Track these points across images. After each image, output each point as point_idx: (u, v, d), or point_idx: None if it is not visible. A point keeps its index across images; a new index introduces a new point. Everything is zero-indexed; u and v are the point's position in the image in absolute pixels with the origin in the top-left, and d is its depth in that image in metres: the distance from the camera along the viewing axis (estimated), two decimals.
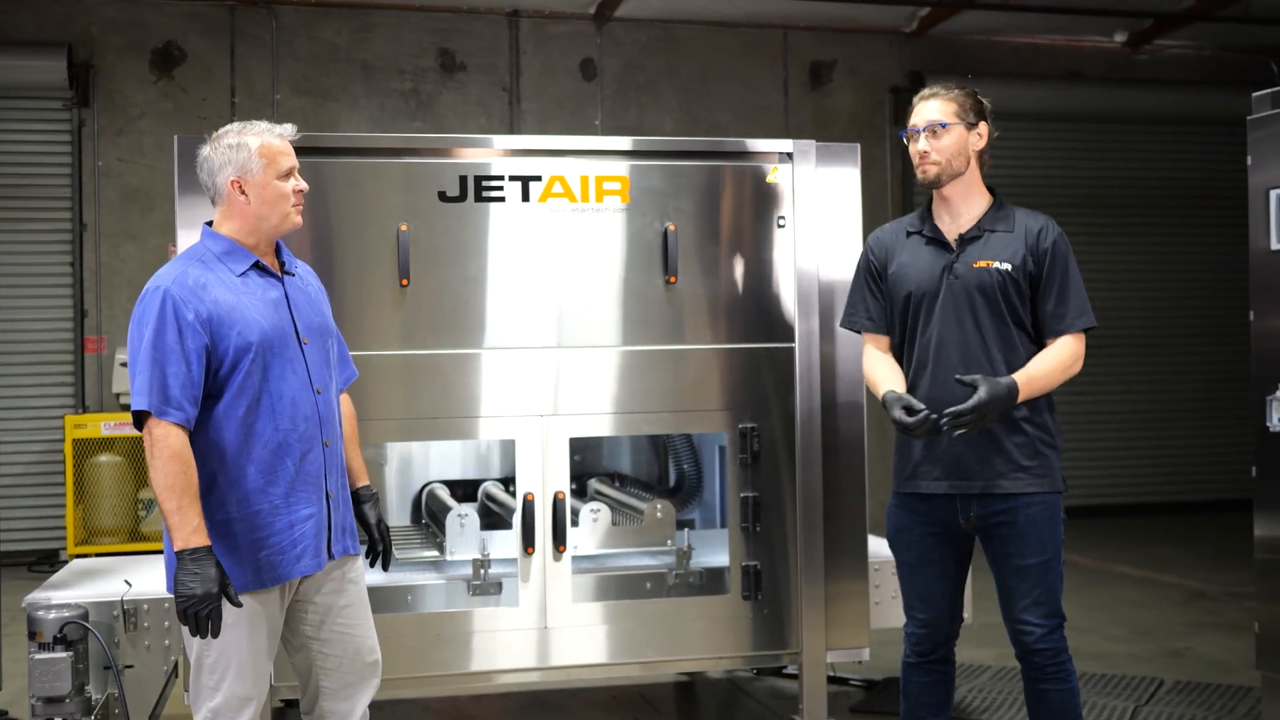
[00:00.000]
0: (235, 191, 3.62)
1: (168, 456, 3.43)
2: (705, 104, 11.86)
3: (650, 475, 6.42)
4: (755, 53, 12.04)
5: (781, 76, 12.12)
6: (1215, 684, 6.19)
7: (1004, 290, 3.96)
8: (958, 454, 3.97)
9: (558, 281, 4.87)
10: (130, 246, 10.77)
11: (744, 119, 11.84)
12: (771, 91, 12.11)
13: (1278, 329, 4.71)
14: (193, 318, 3.48)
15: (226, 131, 3.69)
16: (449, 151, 4.83)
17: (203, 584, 3.38)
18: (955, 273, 4.01)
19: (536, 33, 11.61)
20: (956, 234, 4.07)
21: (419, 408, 4.78)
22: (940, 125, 4.04)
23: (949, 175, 4.05)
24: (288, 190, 3.66)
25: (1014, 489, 3.94)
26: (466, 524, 5.07)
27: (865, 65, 12.30)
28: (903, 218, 4.26)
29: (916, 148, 4.09)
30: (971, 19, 11.80)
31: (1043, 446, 3.98)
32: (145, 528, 9.81)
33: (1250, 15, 11.44)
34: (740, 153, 5.04)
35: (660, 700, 6.13)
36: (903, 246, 4.16)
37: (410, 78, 11.37)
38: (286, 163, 3.67)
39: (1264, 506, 4.78)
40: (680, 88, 11.87)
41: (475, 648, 4.84)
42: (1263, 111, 4.76)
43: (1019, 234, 4.01)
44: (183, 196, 4.57)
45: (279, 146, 3.67)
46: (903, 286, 4.11)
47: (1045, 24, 12.00)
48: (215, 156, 3.64)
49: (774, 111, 12.06)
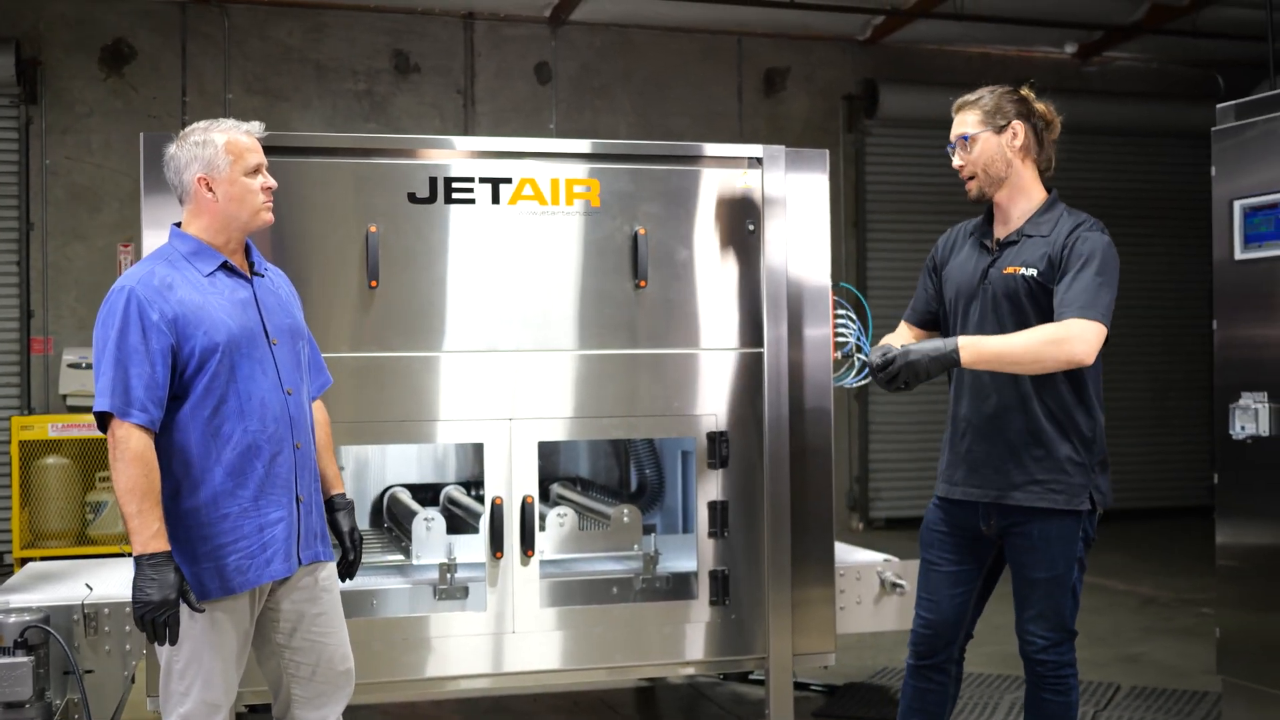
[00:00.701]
0: (202, 189, 3.57)
1: (129, 459, 3.36)
2: (660, 109, 11.87)
3: (611, 480, 6.41)
4: (710, 58, 12.07)
5: (736, 82, 12.16)
6: (1171, 689, 6.25)
7: (1030, 296, 3.88)
8: (977, 460, 3.96)
9: (527, 284, 4.84)
10: (78, 246, 10.61)
11: (699, 124, 11.86)
12: (726, 97, 12.14)
13: (1241, 338, 4.77)
14: (157, 318, 3.42)
15: (193, 129, 3.63)
16: (419, 153, 4.79)
17: (160, 590, 3.32)
18: (989, 277, 3.98)
19: (491, 35, 11.57)
20: (999, 238, 4.03)
21: (388, 411, 4.73)
22: (964, 138, 4.00)
23: (991, 184, 3.99)
24: (255, 187, 3.60)
25: (1026, 503, 3.89)
26: (433, 528, 5.03)
27: (819, 72, 12.36)
28: (974, 219, 4.19)
29: (954, 164, 4.05)
30: (925, 28, 11.89)
31: (1069, 464, 3.87)
32: (93, 531, 9.65)
33: (1198, 29, 11.60)
34: (710, 157, 5.03)
35: (621, 705, 6.11)
36: (961, 246, 4.15)
37: (364, 79, 11.30)
38: (254, 159, 3.61)
39: (1226, 514, 4.83)
40: (635, 92, 11.87)
41: (441, 652, 4.79)
42: (1226, 123, 4.82)
43: (1055, 236, 3.91)
44: (149, 196, 4.50)
45: (246, 143, 3.61)
46: (948, 287, 4.11)
47: (997, 34, 12.12)
48: (181, 154, 3.58)
49: (729, 117, 12.09)
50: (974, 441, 3.98)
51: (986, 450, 3.94)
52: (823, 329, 5.08)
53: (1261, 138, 4.66)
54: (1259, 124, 4.68)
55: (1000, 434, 3.93)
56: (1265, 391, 4.63)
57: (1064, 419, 3.89)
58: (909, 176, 12.38)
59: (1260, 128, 4.67)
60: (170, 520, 3.41)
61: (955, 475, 4.03)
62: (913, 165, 12.36)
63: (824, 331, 5.08)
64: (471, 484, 6.32)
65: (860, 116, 12.26)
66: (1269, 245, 4.61)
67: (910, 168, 12.37)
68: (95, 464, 9.70)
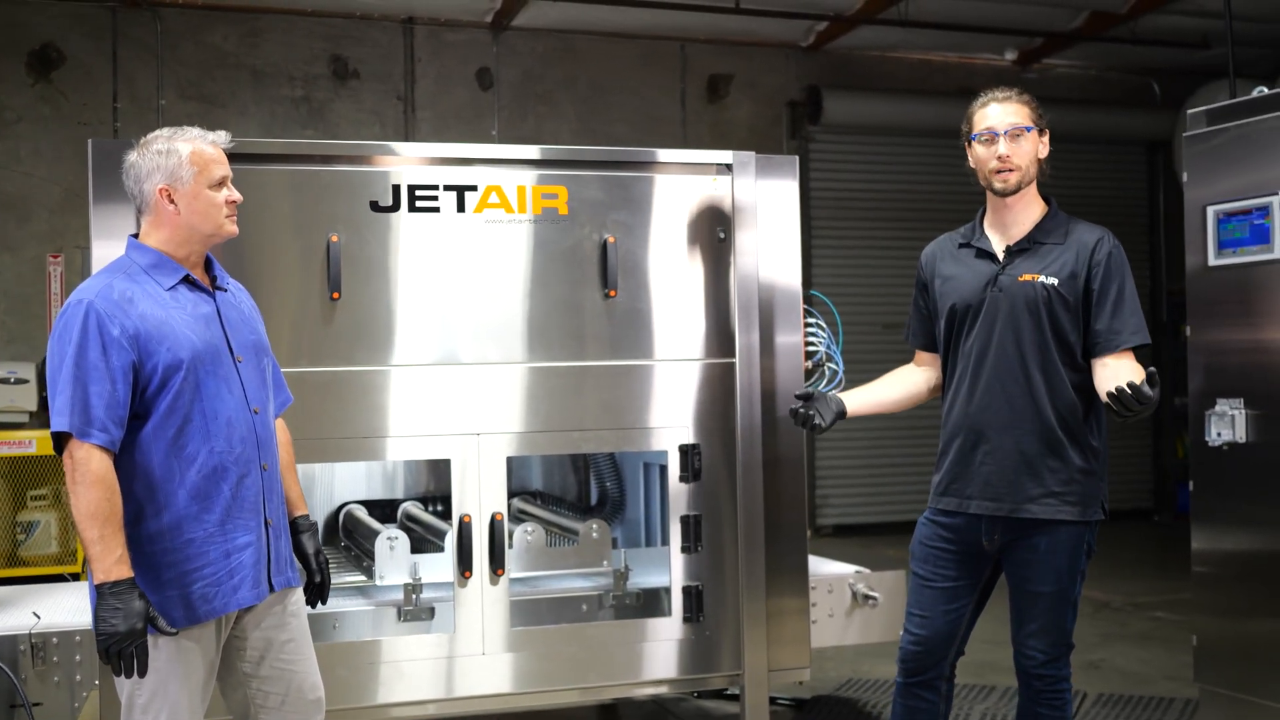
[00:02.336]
0: (164, 200, 3.39)
1: (90, 481, 3.17)
2: (603, 115, 11.75)
3: (569, 493, 6.28)
4: (653, 64, 11.98)
5: (679, 89, 12.08)
6: (1138, 695, 6.23)
7: (1049, 305, 3.80)
8: (989, 474, 3.85)
9: (495, 295, 4.69)
10: (6, 257, 10.29)
11: (641, 130, 11.76)
12: (669, 103, 12.05)
13: (1215, 343, 4.73)
14: (118, 333, 3.24)
15: (156, 137, 3.45)
16: (377, 159, 4.63)
17: (126, 620, 3.14)
18: (1000, 285, 3.86)
19: (432, 41, 11.40)
20: (1005, 245, 3.93)
21: (353, 427, 4.56)
22: (1024, 129, 3.86)
23: (1025, 181, 3.89)
24: (220, 200, 3.43)
25: (1043, 515, 3.80)
26: (396, 547, 4.87)
27: (762, 79, 12.31)
28: (955, 230, 4.10)
29: (996, 151, 3.86)
30: (868, 34, 11.87)
31: (1080, 474, 3.81)
32: (25, 552, 9.32)
33: (1136, 36, 11.69)
34: (679, 164, 4.91)
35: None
36: (952, 259, 4.03)
37: (301, 84, 11.08)
38: (219, 171, 3.44)
39: (1201, 520, 4.79)
40: (578, 98, 11.75)
41: (409, 677, 4.62)
42: (1198, 128, 4.78)
43: (1071, 246, 3.84)
44: (98, 205, 4.31)
45: (211, 154, 3.44)
46: (948, 299, 3.98)
47: (939, 41, 12.14)
48: (143, 163, 3.41)
49: (671, 123, 12.01)
50: (985, 453, 3.85)
51: (1000, 462, 3.83)
52: (794, 337, 4.98)
53: (1235, 143, 4.63)
54: (1232, 129, 4.64)
55: (1014, 445, 3.82)
56: (1241, 398, 4.59)
57: (1076, 427, 3.82)
58: (853, 182, 12.37)
59: (1234, 133, 4.63)
60: (132, 546, 3.23)
61: (966, 489, 3.90)
62: (856, 171, 12.36)
63: (795, 339, 4.98)
64: (429, 499, 6.16)
65: (804, 123, 12.21)
66: (1244, 251, 4.57)
67: (854, 173, 12.36)
68: (26, 482, 9.38)
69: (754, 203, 4.92)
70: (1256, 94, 4.67)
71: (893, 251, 12.16)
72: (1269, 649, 4.60)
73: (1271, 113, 4.50)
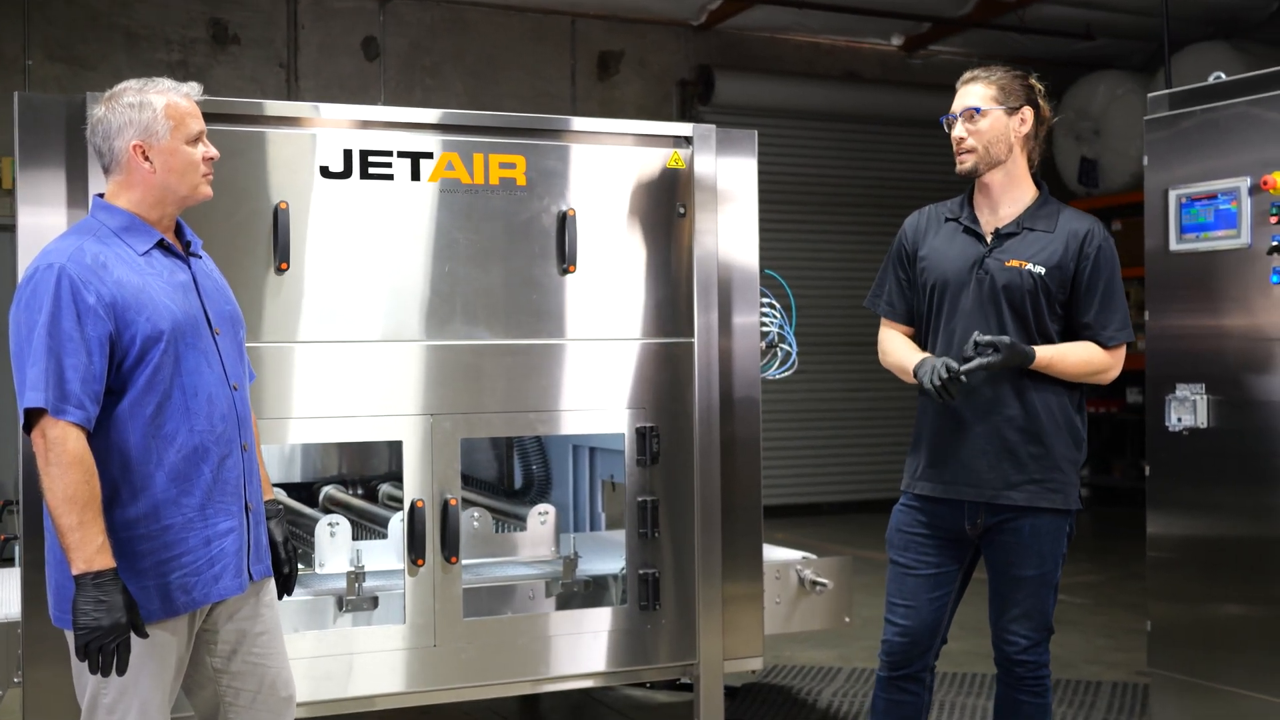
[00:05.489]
0: (137, 157, 3.11)
1: (67, 463, 2.90)
2: (493, 90, 11.47)
3: (491, 477, 6.07)
4: (543, 39, 11.74)
5: (569, 65, 11.86)
6: (1067, 679, 6.26)
7: (1033, 294, 3.75)
8: (969, 459, 3.79)
9: (450, 269, 4.45)
10: None
11: (530, 106, 11.49)
12: (559, 79, 11.83)
13: (1175, 329, 4.73)
14: (94, 301, 2.96)
15: (125, 89, 3.17)
16: (331, 122, 4.35)
17: (110, 613, 2.88)
18: (986, 268, 3.80)
19: (316, 7, 10.98)
20: (994, 227, 3.87)
21: (299, 406, 4.29)
22: (975, 110, 3.83)
23: (987, 164, 3.84)
24: (197, 158, 3.18)
25: (1023, 502, 3.76)
26: (337, 533, 4.61)
27: (653, 57, 12.16)
28: (943, 202, 4.03)
29: (953, 134, 3.88)
30: (760, 15, 11.80)
31: (1062, 461, 3.78)
32: None
33: (1025, 24, 11.83)
34: (638, 135, 4.73)
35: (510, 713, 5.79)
36: (938, 231, 3.95)
37: (178, 48, 10.58)
38: (195, 126, 3.19)
39: (1156, 505, 4.80)
40: (467, 72, 11.45)
41: (358, 670, 4.38)
42: (1159, 112, 4.78)
43: (1060, 235, 3.79)
44: (24, 170, 3.96)
45: (186, 107, 3.18)
46: (931, 274, 3.90)
47: (829, 24, 12.13)
48: (113, 117, 3.12)
49: (561, 100, 11.78)
50: (967, 438, 3.80)
51: (981, 447, 3.77)
52: (751, 316, 4.85)
53: (1199, 128, 4.63)
54: (1197, 114, 4.64)
55: (996, 430, 3.77)
56: (1203, 383, 4.60)
57: (1061, 416, 3.78)
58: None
59: (1199, 117, 4.63)
60: (106, 532, 2.95)
61: (944, 474, 3.84)
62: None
63: (753, 319, 4.86)
64: (348, 482, 5.90)
65: (694, 103, 12.09)
66: (1208, 236, 4.57)
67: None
68: None
69: (714, 176, 4.77)
70: (1214, 79, 4.68)
71: (784, 234, 12.10)
72: (1224, 634, 4.63)
73: (1241, 97, 4.50)
